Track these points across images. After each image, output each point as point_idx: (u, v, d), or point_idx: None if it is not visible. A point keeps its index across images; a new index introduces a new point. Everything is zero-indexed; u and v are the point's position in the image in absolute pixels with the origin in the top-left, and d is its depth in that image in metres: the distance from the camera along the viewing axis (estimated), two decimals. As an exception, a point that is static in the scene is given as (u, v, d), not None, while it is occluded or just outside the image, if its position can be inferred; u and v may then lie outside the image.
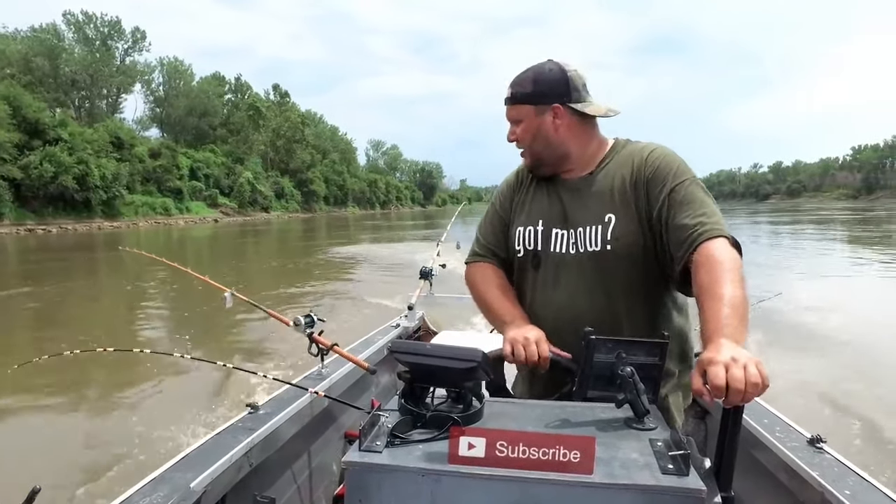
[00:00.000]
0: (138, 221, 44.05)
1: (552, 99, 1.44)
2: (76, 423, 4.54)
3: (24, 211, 36.47)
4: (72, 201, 38.86)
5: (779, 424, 1.70)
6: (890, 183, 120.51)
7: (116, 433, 4.19)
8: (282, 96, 78.78)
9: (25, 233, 33.75)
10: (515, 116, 1.48)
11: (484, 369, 1.04)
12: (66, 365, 5.13)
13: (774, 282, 9.57)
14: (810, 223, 34.95)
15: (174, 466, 1.46)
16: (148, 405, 4.82)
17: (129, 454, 3.75)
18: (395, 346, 1.08)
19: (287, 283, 12.34)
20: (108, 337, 7.50)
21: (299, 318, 2.14)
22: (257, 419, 1.77)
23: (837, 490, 1.32)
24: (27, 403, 4.91)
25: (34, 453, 3.89)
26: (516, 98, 1.46)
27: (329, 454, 2.20)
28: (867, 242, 20.42)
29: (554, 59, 1.47)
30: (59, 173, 36.85)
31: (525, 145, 1.50)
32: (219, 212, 56.00)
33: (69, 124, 41.20)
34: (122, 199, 43.43)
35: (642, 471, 0.89)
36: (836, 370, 5.28)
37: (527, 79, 1.45)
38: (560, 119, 1.45)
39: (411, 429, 1.01)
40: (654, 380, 1.13)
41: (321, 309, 7.70)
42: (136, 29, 59.82)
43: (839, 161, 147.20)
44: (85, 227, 38.18)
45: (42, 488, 0.99)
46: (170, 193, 50.60)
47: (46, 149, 37.07)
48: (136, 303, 10.34)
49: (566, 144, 1.47)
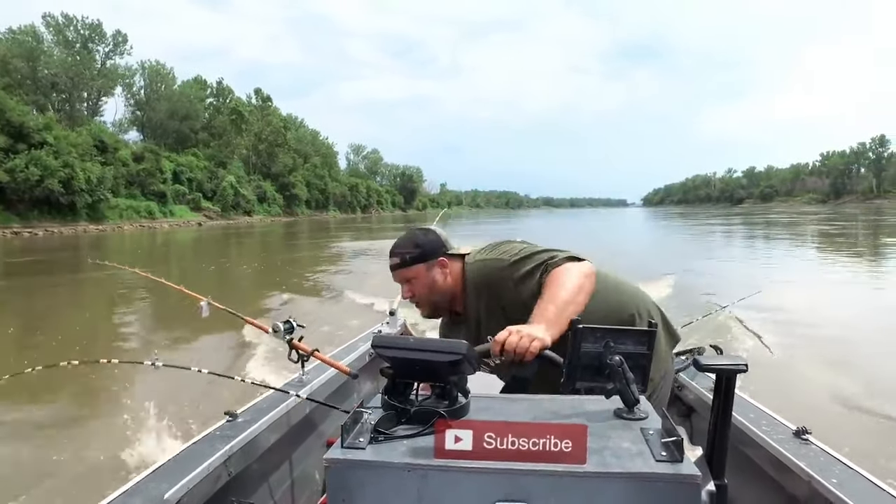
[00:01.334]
0: (123, 225, 44.07)
1: (434, 254, 1.68)
2: (35, 444, 4.06)
3: (8, 214, 36.47)
4: (57, 204, 38.89)
5: (765, 418, 1.70)
6: (856, 188, 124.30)
7: (74, 452, 3.83)
8: (264, 100, 78.80)
9: (11, 235, 33.79)
10: (408, 276, 1.68)
11: (469, 362, 1.02)
12: (31, 379, 4.56)
13: (753, 280, 10.46)
14: (778, 226, 36.22)
15: (148, 477, 1.40)
16: (113, 418, 4.47)
17: (88, 475, 3.50)
18: (377, 341, 1.06)
19: (279, 280, 12.42)
20: (80, 345, 7.05)
21: (278, 324, 2.08)
22: (236, 427, 1.73)
23: (824, 479, 1.32)
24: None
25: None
26: (405, 261, 1.67)
27: (311, 462, 2.15)
28: (828, 245, 21.61)
29: (418, 226, 1.77)
30: (45, 177, 36.97)
31: (424, 299, 1.69)
32: (202, 215, 56.01)
33: (54, 128, 41.21)
34: (107, 203, 43.52)
35: (635, 459, 0.87)
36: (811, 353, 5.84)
37: (408, 243, 1.68)
38: (444, 269, 1.69)
39: (395, 425, 0.97)
40: (643, 369, 1.10)
41: (310, 311, 7.71)
42: (118, 32, 59.58)
43: (809, 167, 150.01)
44: (71, 231, 38.22)
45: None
46: (153, 197, 50.65)
47: (32, 152, 37.20)
48: (110, 312, 9.68)
49: (453, 288, 1.69)
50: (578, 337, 1.10)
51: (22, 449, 4.01)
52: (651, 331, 1.12)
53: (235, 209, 61.68)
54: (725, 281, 11.03)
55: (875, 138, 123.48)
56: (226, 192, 60.02)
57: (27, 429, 4.39)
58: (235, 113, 69.95)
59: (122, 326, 8.45)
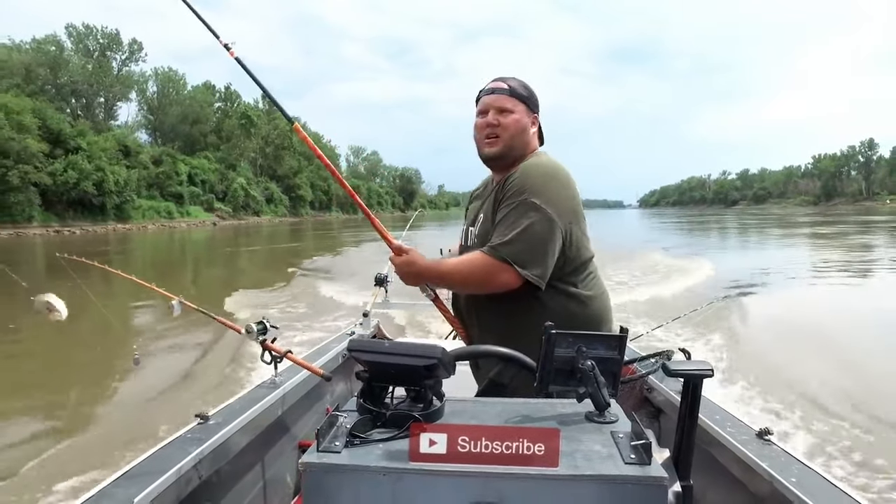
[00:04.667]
0: (147, 224, 47.27)
1: (536, 109, 1.68)
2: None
3: (49, 214, 39.79)
4: (90, 205, 42.32)
5: (730, 420, 1.73)
6: (846, 190, 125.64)
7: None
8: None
9: (54, 233, 37.05)
10: (508, 106, 1.62)
11: (444, 366, 1.02)
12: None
13: (753, 278, 11.46)
14: (769, 226, 38.12)
15: (116, 482, 1.34)
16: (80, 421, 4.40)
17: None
18: (353, 345, 1.06)
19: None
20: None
21: (251, 325, 2.05)
22: (207, 429, 1.68)
23: (784, 478, 1.36)
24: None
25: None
26: (515, 93, 1.62)
27: (283, 464, 2.13)
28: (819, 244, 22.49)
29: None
30: (81, 180, 40.35)
31: (507, 135, 1.62)
32: (215, 216, 59.02)
33: (87, 133, 44.54)
34: (132, 204, 46.85)
35: (605, 461, 0.89)
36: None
37: (521, 83, 1.66)
38: (534, 127, 1.68)
39: (371, 428, 0.98)
40: (614, 373, 1.11)
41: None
42: (133, 41, 62.47)
43: (801, 169, 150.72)
44: (102, 230, 41.38)
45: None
46: (171, 198, 53.84)
47: (69, 157, 40.54)
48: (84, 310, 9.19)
49: (527, 149, 1.66)
50: (552, 342, 1.10)
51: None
52: (622, 336, 1.13)
53: (245, 210, 64.48)
54: (712, 277, 11.62)
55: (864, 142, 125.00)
56: (236, 194, 62.92)
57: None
58: (245, 118, 72.93)
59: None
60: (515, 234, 1.52)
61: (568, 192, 1.60)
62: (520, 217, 1.53)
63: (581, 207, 1.65)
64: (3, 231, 34.55)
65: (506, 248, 1.51)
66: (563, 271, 1.59)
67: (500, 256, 1.51)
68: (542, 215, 1.52)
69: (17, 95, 41.18)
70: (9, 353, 6.81)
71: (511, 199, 1.55)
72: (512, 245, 1.51)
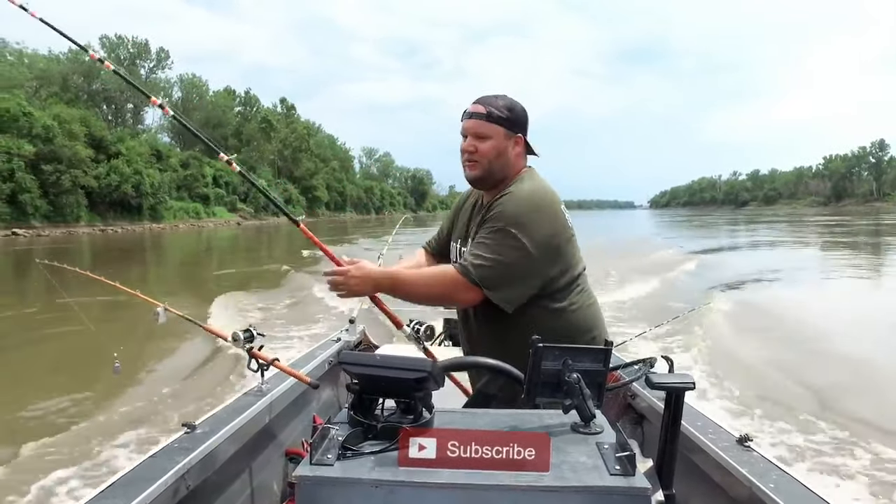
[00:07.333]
0: (178, 224, 50.27)
1: (520, 128, 1.66)
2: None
3: (93, 214, 43.19)
4: (128, 206, 45.45)
5: (711, 427, 1.75)
6: (857, 191, 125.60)
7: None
8: (288, 109, 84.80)
9: (99, 232, 40.24)
10: (484, 132, 1.62)
11: (434, 379, 1.03)
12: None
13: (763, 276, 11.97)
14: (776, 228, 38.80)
15: (103, 493, 1.34)
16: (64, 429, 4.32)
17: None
18: (344, 358, 1.07)
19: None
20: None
21: (238, 332, 2.06)
22: (194, 439, 1.68)
23: (763, 484, 1.39)
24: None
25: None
26: (492, 117, 1.61)
27: (270, 473, 2.14)
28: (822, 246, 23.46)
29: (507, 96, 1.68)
30: (122, 182, 43.66)
31: (485, 160, 1.64)
32: (238, 216, 62.03)
33: (125, 139, 47.76)
34: (165, 205, 49.93)
35: (591, 472, 0.90)
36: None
37: (502, 104, 1.64)
38: (518, 147, 1.67)
39: (362, 441, 0.99)
40: (599, 384, 1.13)
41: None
42: (161, 49, 65.65)
43: (812, 170, 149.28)
44: (139, 228, 44.49)
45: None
46: (198, 199, 56.94)
47: (112, 162, 43.85)
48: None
49: (510, 171, 1.67)
50: (538, 355, 1.11)
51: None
52: (607, 349, 1.15)
53: (265, 210, 67.19)
54: (704, 279, 12.14)
55: (875, 142, 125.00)
56: (258, 195, 65.49)
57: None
58: (265, 121, 75.87)
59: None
60: (490, 259, 1.55)
61: (551, 223, 1.62)
62: (497, 244, 1.56)
63: (568, 231, 1.66)
64: (57, 230, 38.01)
65: (478, 270, 1.55)
66: (549, 289, 1.63)
67: (471, 278, 1.55)
68: (518, 246, 1.55)
69: (57, 103, 44.38)
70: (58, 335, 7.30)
71: (492, 224, 1.60)
72: (483, 269, 1.55)
